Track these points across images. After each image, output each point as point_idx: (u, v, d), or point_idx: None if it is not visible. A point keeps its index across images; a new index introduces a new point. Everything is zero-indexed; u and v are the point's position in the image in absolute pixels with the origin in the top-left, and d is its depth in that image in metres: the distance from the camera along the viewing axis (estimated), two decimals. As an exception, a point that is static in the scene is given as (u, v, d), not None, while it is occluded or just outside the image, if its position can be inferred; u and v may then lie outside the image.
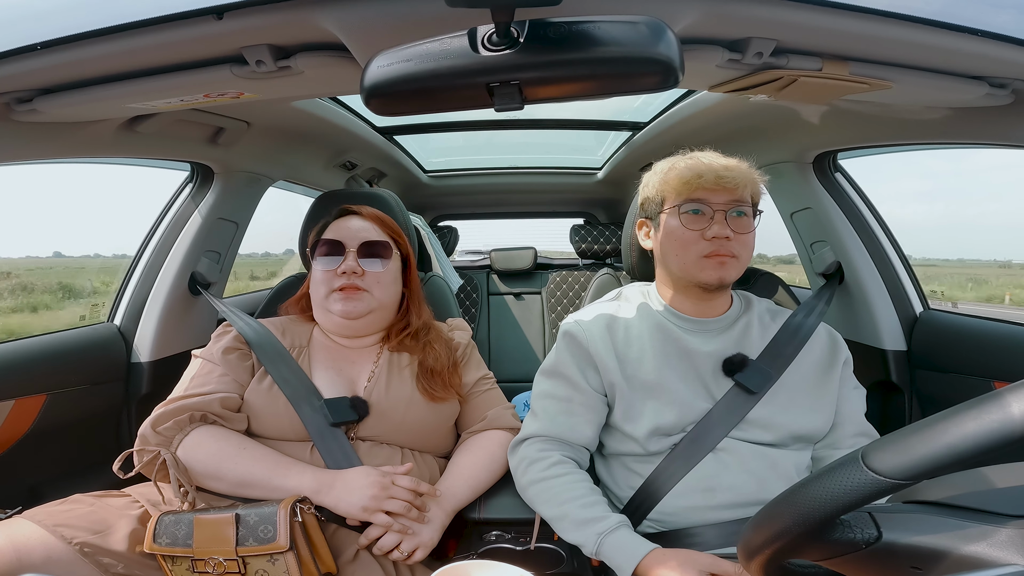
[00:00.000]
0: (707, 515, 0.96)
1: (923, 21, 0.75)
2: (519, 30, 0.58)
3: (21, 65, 0.82)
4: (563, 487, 0.98)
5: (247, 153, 1.65)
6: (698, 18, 0.75)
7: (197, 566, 0.86)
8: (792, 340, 1.05)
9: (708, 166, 0.99)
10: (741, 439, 0.98)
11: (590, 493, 0.98)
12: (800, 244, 1.80)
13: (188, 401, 1.00)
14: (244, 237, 1.86)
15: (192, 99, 0.98)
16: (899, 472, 0.45)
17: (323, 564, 0.89)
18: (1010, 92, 0.97)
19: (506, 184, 3.15)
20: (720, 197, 0.98)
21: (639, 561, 0.86)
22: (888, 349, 1.61)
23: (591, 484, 1.01)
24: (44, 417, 1.38)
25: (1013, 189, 54.44)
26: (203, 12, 0.72)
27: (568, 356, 1.07)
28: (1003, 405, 0.43)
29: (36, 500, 0.93)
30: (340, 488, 0.93)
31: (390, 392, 1.08)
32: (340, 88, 1.13)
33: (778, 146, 1.64)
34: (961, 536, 0.47)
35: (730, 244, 0.98)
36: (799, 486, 0.52)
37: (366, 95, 0.63)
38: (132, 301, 1.64)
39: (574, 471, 1.02)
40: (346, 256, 1.11)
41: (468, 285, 3.10)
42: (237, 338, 1.14)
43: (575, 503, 0.95)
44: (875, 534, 0.50)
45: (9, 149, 1.06)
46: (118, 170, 1.62)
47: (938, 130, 1.20)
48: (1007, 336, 1.42)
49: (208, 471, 0.96)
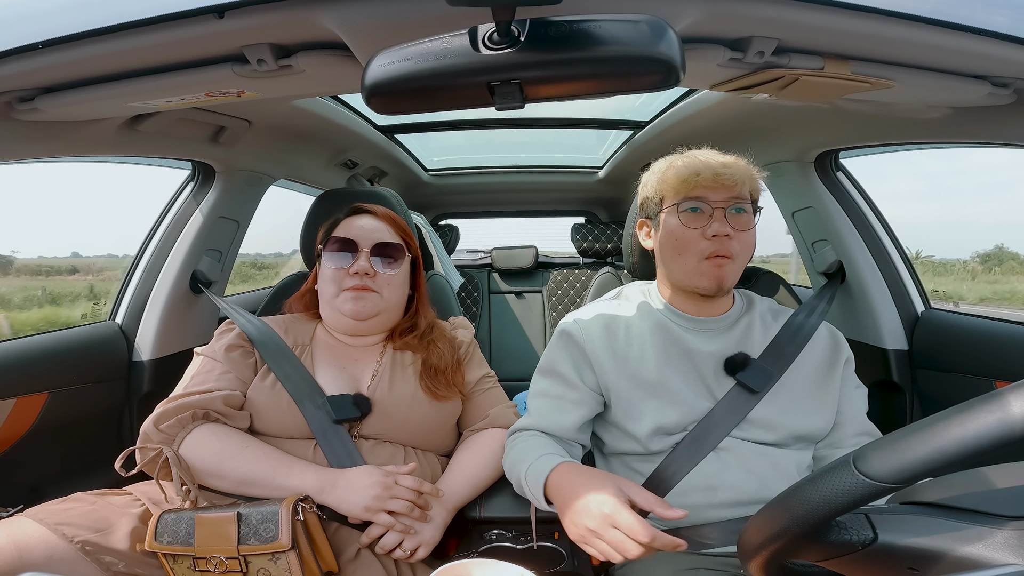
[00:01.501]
0: (709, 514, 0.96)
1: (925, 20, 0.75)
2: (520, 29, 0.58)
3: (23, 64, 0.82)
4: (526, 449, 0.99)
5: (248, 152, 1.65)
6: (699, 17, 0.75)
7: (199, 565, 0.86)
8: (794, 340, 1.05)
9: (706, 164, 0.98)
10: (743, 439, 0.98)
11: (547, 447, 0.98)
12: (801, 243, 1.80)
13: (190, 399, 1.00)
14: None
15: (193, 98, 0.98)
16: (889, 476, 0.45)
17: (325, 563, 0.89)
18: (1012, 91, 0.97)
19: (507, 183, 3.15)
20: (719, 194, 0.98)
21: (544, 480, 0.87)
22: (889, 348, 1.61)
23: (556, 447, 1.01)
24: (46, 416, 1.39)
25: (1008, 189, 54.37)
26: (204, 11, 0.72)
27: (564, 354, 1.08)
28: (994, 407, 0.43)
29: (38, 499, 0.94)
30: (343, 487, 0.93)
31: (393, 390, 1.09)
32: (341, 87, 1.13)
33: (779, 145, 1.64)
34: (957, 537, 0.47)
35: (730, 242, 0.98)
36: (794, 488, 0.52)
37: (367, 94, 0.63)
38: (134, 299, 1.64)
39: (543, 437, 1.03)
40: (359, 256, 1.10)
41: (469, 284, 3.11)
42: (240, 335, 1.14)
43: (530, 455, 0.96)
44: (871, 536, 0.50)
45: (11, 148, 1.06)
46: (119, 169, 1.63)
47: (940, 129, 1.19)
48: (1009, 336, 1.42)
49: (210, 469, 0.96)
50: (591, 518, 0.76)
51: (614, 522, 0.74)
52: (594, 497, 0.77)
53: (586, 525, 0.76)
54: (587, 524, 0.76)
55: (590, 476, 0.83)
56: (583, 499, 0.78)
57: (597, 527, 0.75)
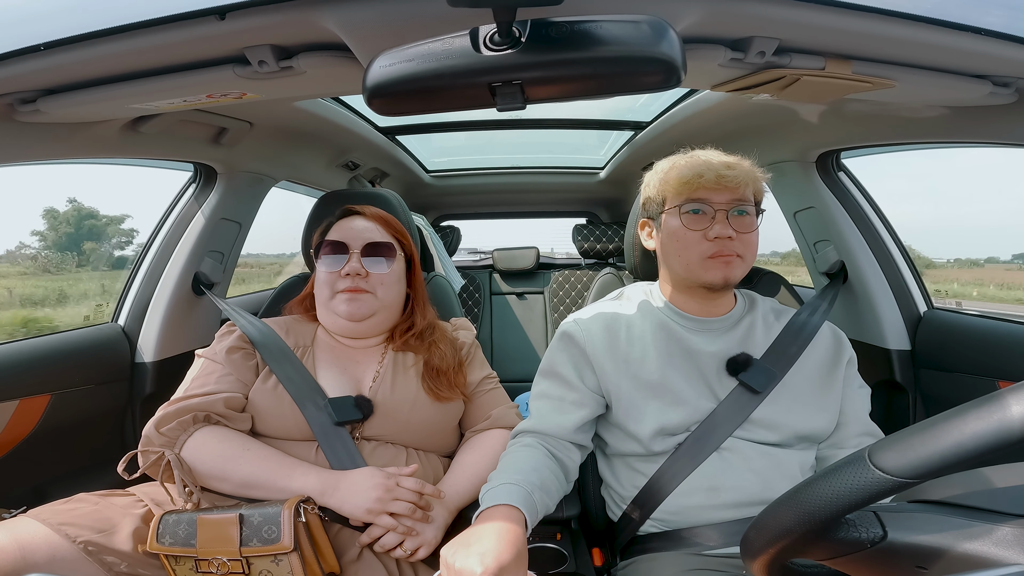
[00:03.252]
0: (711, 514, 0.96)
1: (926, 20, 0.75)
2: (521, 30, 0.58)
3: (24, 66, 0.82)
4: (508, 463, 0.96)
5: (250, 153, 1.66)
6: (700, 17, 0.75)
7: (201, 566, 0.86)
8: (796, 340, 1.05)
9: (708, 165, 0.98)
10: (745, 439, 0.98)
11: (520, 471, 0.92)
12: (803, 243, 1.80)
13: (192, 401, 1.00)
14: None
15: (195, 99, 0.98)
16: (906, 471, 0.45)
17: (326, 564, 0.89)
18: (1014, 91, 0.97)
19: (508, 184, 3.15)
20: (721, 196, 0.98)
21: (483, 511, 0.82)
22: (892, 348, 1.61)
23: (540, 460, 0.96)
24: (48, 417, 1.39)
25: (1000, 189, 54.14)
26: (205, 12, 0.72)
27: (564, 356, 1.07)
28: (1007, 404, 0.42)
29: (41, 499, 0.94)
30: (345, 489, 0.93)
31: (395, 392, 1.08)
32: (342, 88, 1.14)
33: (781, 145, 1.64)
34: (966, 535, 0.47)
35: (733, 244, 0.98)
36: (804, 485, 0.52)
37: (368, 95, 0.63)
38: (136, 301, 1.65)
39: (536, 449, 0.99)
40: (350, 257, 1.10)
41: (471, 285, 3.11)
42: (241, 338, 1.14)
43: (502, 475, 0.91)
44: (880, 533, 0.49)
45: (13, 150, 1.06)
46: (121, 171, 1.63)
47: (941, 129, 1.19)
48: (1012, 336, 1.41)
49: (212, 472, 0.96)
50: (467, 560, 0.71)
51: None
52: (478, 549, 0.73)
53: (458, 560, 0.72)
54: (458, 561, 0.72)
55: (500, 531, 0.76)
56: (478, 540, 0.75)
57: (461, 569, 0.71)
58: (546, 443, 1.02)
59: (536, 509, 0.86)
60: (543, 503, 0.89)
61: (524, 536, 0.79)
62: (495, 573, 0.69)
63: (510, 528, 0.77)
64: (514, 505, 0.82)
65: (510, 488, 0.86)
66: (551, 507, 0.93)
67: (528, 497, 0.85)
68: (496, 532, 0.75)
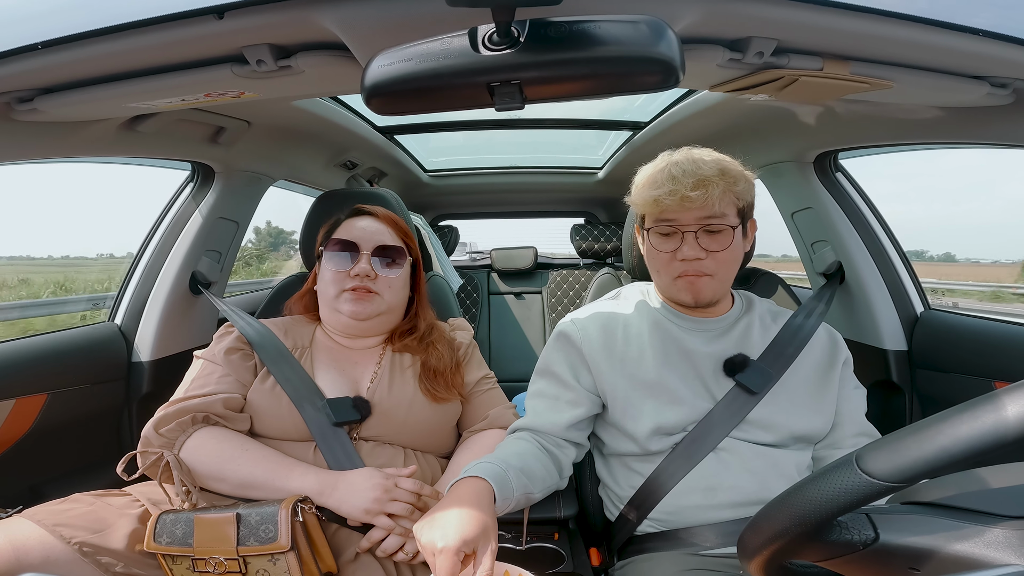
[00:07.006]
0: (708, 514, 0.96)
1: (924, 20, 0.75)
2: (520, 29, 0.58)
3: (22, 65, 0.81)
4: (498, 448, 0.99)
5: (248, 152, 1.65)
6: (699, 17, 0.75)
7: (198, 565, 0.86)
8: (793, 341, 1.05)
9: (674, 184, 0.94)
10: (742, 439, 0.98)
11: (509, 449, 0.96)
12: (801, 244, 1.80)
13: (190, 402, 1.00)
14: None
15: (193, 99, 0.98)
16: (893, 475, 0.45)
17: (324, 564, 0.89)
18: (1011, 92, 0.97)
19: (507, 184, 3.15)
20: (689, 216, 0.96)
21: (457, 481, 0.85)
22: (889, 349, 1.61)
23: (526, 448, 0.98)
24: (45, 416, 1.38)
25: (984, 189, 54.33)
26: (203, 11, 0.72)
27: (560, 356, 1.08)
28: (996, 407, 0.43)
29: (37, 499, 0.93)
30: (343, 490, 0.93)
31: (393, 392, 1.08)
32: (341, 88, 1.13)
33: (779, 146, 1.64)
34: (958, 537, 0.47)
35: (702, 264, 0.97)
36: (795, 488, 0.52)
37: (367, 95, 0.63)
38: (133, 300, 1.64)
39: (526, 441, 1.02)
40: (360, 258, 1.10)
41: (468, 285, 3.10)
42: (239, 338, 1.14)
43: (491, 455, 0.94)
44: (872, 535, 0.50)
45: (10, 149, 1.06)
46: (119, 170, 1.63)
47: (939, 130, 1.19)
48: (1008, 336, 1.42)
49: (211, 472, 0.96)
50: (431, 533, 0.73)
51: (436, 553, 0.71)
52: (442, 522, 0.75)
53: (424, 535, 0.74)
54: (424, 535, 0.74)
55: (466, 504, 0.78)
56: (442, 514, 0.76)
57: (425, 544, 0.73)
58: (538, 438, 1.03)
59: (511, 487, 0.87)
60: (521, 484, 0.89)
61: (491, 507, 0.81)
62: (457, 547, 0.70)
63: (476, 501, 0.79)
64: (482, 477, 0.84)
65: (483, 465, 0.88)
66: (534, 493, 0.94)
67: (502, 474, 0.87)
68: (460, 505, 0.77)
